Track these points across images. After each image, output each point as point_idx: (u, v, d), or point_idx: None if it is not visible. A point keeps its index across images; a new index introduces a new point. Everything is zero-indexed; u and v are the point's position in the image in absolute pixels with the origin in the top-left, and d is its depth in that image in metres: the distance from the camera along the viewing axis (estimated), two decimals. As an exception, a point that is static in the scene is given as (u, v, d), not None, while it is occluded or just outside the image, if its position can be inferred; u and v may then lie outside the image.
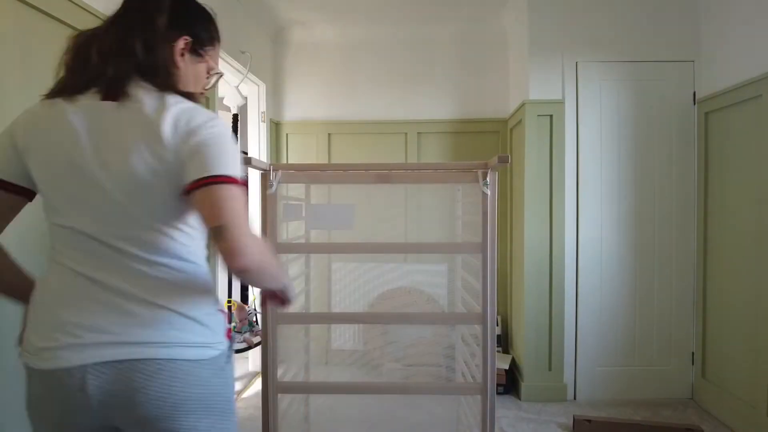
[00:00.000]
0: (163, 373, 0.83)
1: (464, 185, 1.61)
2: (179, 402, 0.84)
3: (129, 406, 0.83)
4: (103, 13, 1.59)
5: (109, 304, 0.84)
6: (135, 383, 0.82)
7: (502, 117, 3.27)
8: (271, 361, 1.36)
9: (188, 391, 0.85)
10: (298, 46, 3.42)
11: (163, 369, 0.83)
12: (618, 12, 2.69)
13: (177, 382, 0.84)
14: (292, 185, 1.52)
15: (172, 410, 0.84)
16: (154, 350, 0.83)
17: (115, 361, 0.82)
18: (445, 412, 2.19)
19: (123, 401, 0.83)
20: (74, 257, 0.86)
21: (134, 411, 0.83)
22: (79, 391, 0.82)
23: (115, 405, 0.84)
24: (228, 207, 0.79)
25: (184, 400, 0.85)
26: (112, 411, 0.84)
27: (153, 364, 0.83)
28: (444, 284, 2.96)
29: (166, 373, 0.83)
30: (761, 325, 2.20)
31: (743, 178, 2.33)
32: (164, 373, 0.83)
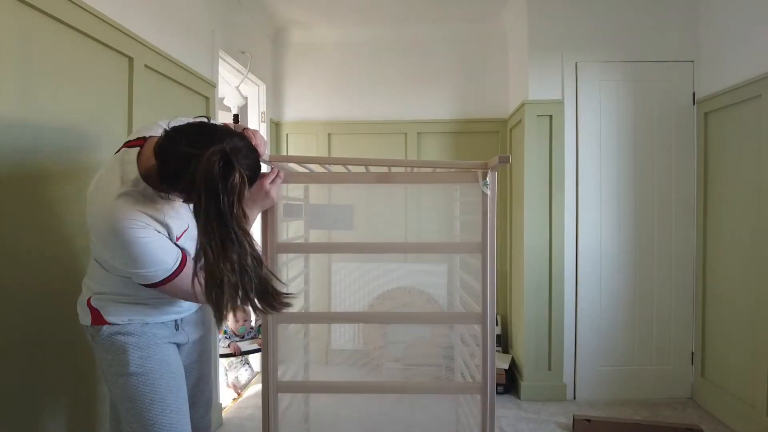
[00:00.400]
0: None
1: (463, 185, 1.61)
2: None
3: None
4: (103, 13, 1.60)
5: None
6: None
7: (502, 117, 3.27)
8: (271, 361, 1.36)
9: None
10: (298, 47, 3.42)
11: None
12: (617, 12, 2.70)
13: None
14: (292, 185, 1.52)
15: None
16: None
17: None
18: (444, 412, 2.19)
19: None
20: None
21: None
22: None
23: None
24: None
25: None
26: None
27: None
28: (443, 284, 2.96)
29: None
30: (761, 325, 2.20)
31: (743, 178, 2.33)
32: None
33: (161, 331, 1.22)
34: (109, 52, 1.66)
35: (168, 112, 2.04)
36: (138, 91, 1.80)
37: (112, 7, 1.65)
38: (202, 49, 2.33)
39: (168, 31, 2.02)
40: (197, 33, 2.29)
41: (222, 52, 2.55)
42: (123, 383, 1.15)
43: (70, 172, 1.49)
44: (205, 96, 2.35)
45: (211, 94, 2.41)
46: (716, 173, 2.55)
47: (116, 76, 1.71)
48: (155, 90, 1.94)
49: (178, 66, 2.09)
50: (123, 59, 1.74)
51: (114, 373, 1.16)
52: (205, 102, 2.37)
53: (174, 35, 2.07)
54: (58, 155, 1.44)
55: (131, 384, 1.14)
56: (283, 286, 1.14)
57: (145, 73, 1.85)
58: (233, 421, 2.50)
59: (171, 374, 1.19)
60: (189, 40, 2.20)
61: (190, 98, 2.23)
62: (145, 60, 1.84)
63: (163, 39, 1.97)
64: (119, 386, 1.16)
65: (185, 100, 2.19)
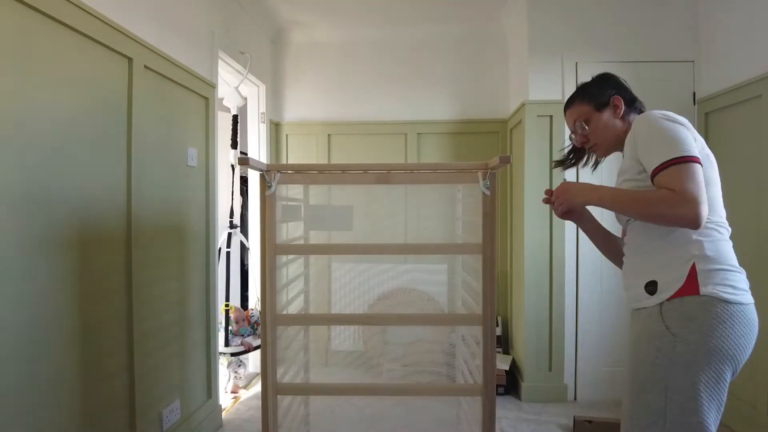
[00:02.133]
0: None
1: (464, 186, 1.61)
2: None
3: None
4: (103, 14, 1.59)
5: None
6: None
7: (502, 117, 3.27)
8: (270, 362, 1.36)
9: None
10: (297, 47, 3.42)
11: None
12: (618, 12, 2.69)
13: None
14: (291, 186, 1.52)
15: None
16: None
17: None
18: (445, 413, 2.18)
19: None
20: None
21: None
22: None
23: None
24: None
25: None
26: None
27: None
28: (444, 284, 2.96)
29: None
30: (761, 325, 2.19)
31: (743, 178, 2.33)
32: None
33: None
34: (109, 53, 1.66)
35: (167, 113, 2.04)
36: (137, 92, 1.80)
37: (112, 8, 1.65)
38: (201, 49, 2.33)
39: (167, 31, 2.02)
40: (197, 33, 2.29)
41: (221, 52, 2.55)
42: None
43: (70, 173, 1.48)
44: (204, 97, 2.35)
45: (211, 94, 2.40)
46: (717, 173, 2.54)
47: (116, 77, 1.71)
48: (155, 91, 1.94)
49: (178, 67, 2.09)
50: (123, 60, 1.74)
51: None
52: (205, 103, 2.37)
53: (173, 36, 2.07)
54: (58, 156, 1.44)
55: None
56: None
57: (145, 74, 1.85)
58: (233, 423, 2.50)
59: None
60: (188, 40, 2.20)
61: (189, 99, 2.23)
62: (144, 61, 1.83)
63: (162, 40, 1.97)
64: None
65: (185, 101, 2.18)
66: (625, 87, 1.39)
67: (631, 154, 1.20)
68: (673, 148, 1.09)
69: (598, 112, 1.33)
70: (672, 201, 1.05)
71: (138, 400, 1.80)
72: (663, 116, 1.16)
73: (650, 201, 1.09)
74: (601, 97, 1.34)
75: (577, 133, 1.38)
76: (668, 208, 1.06)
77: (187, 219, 2.21)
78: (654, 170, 1.11)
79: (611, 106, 1.33)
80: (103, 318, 1.64)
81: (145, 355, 1.86)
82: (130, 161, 1.77)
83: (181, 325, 2.16)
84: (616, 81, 1.39)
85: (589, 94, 1.36)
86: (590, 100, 1.35)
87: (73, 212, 1.50)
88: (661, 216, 1.08)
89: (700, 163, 1.09)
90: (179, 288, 2.14)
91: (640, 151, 1.16)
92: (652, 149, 1.13)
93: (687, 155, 1.08)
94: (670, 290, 1.11)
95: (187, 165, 2.19)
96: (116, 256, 1.72)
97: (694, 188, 1.05)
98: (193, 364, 2.27)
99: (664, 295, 1.12)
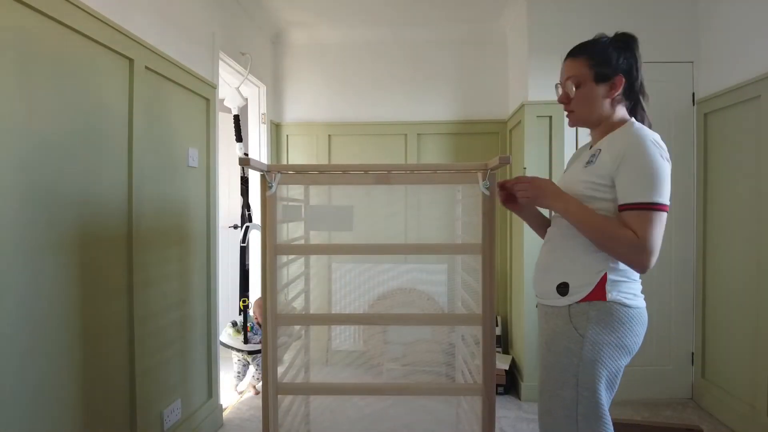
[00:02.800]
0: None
1: (464, 186, 1.61)
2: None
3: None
4: (104, 15, 1.60)
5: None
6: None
7: (502, 118, 3.28)
8: (271, 362, 1.36)
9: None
10: (298, 48, 3.43)
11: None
12: (617, 13, 2.70)
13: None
14: (292, 186, 1.53)
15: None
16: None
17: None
18: (445, 413, 2.19)
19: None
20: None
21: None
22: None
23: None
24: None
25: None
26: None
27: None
28: (444, 285, 2.97)
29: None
30: (761, 325, 2.20)
31: (743, 178, 2.34)
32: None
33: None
34: (110, 54, 1.67)
35: (168, 114, 2.05)
36: (138, 93, 1.81)
37: (113, 9, 1.66)
38: (202, 50, 2.33)
39: (168, 32, 2.03)
40: (197, 34, 2.29)
41: (222, 53, 2.56)
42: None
43: (71, 173, 1.49)
44: (205, 97, 2.36)
45: (212, 95, 2.41)
46: (716, 173, 2.55)
47: (117, 78, 1.72)
48: (156, 91, 1.95)
49: (179, 67, 2.09)
50: (124, 61, 1.74)
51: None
52: (206, 103, 2.38)
53: (174, 37, 2.08)
54: (59, 157, 1.44)
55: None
56: None
57: (146, 75, 1.86)
58: (233, 422, 2.50)
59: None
60: (189, 41, 2.21)
61: (190, 100, 2.23)
62: (145, 62, 1.84)
63: (163, 41, 1.98)
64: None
65: (186, 102, 2.19)
66: (637, 70, 1.26)
67: (609, 164, 1.18)
68: (654, 190, 1.14)
69: (595, 82, 1.23)
70: (634, 246, 1.12)
71: (139, 400, 1.80)
72: (657, 148, 1.16)
73: (614, 237, 1.14)
74: (607, 68, 1.23)
75: (562, 90, 1.29)
76: (627, 251, 1.13)
77: (188, 219, 2.22)
78: (628, 204, 1.14)
79: (609, 83, 1.24)
80: (103, 318, 1.65)
81: (145, 355, 1.86)
82: (131, 162, 1.78)
83: (182, 325, 2.16)
84: (632, 57, 1.25)
85: (597, 57, 1.23)
86: (595, 65, 1.23)
87: (74, 212, 1.50)
88: (616, 253, 1.16)
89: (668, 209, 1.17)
90: (180, 288, 2.15)
91: (621, 172, 1.16)
92: (635, 181, 1.14)
93: (662, 203, 1.14)
94: (580, 294, 1.20)
95: (187, 165, 2.20)
96: (117, 256, 1.72)
97: (657, 241, 1.13)
98: (194, 364, 2.27)
99: (574, 297, 1.20)
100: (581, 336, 1.17)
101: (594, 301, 1.18)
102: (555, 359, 1.21)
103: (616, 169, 1.17)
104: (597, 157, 1.22)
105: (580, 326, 1.18)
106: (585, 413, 1.17)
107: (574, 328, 1.19)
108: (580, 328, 1.18)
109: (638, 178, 1.14)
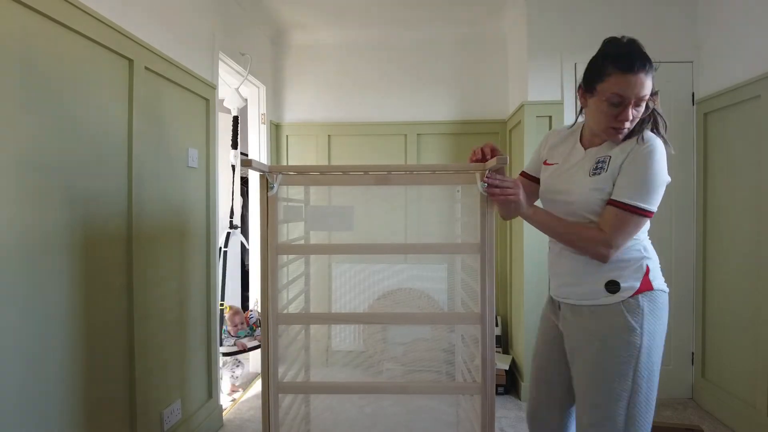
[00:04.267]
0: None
1: (463, 186, 1.61)
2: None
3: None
4: (103, 15, 1.60)
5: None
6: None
7: (501, 118, 3.28)
8: (271, 362, 1.36)
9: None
10: (298, 48, 3.43)
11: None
12: (616, 13, 2.70)
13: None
14: (292, 187, 1.53)
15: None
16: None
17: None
18: (444, 413, 2.19)
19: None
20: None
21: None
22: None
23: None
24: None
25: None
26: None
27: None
28: (444, 285, 2.96)
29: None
30: (761, 325, 2.20)
31: (742, 178, 2.34)
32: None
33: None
34: (110, 55, 1.67)
35: (168, 115, 2.05)
36: (138, 93, 1.81)
37: (113, 9, 1.66)
38: (202, 51, 2.34)
39: (168, 33, 2.03)
40: (197, 35, 2.30)
41: (222, 53, 2.56)
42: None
43: (71, 174, 1.49)
44: (205, 98, 2.36)
45: (212, 96, 2.41)
46: (716, 173, 2.55)
47: (116, 79, 1.72)
48: (155, 92, 1.95)
49: (178, 68, 2.10)
50: (123, 61, 1.75)
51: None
52: (205, 104, 2.38)
53: (174, 37, 2.08)
54: (59, 157, 1.44)
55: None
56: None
57: (146, 75, 1.86)
58: (234, 422, 2.51)
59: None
60: (189, 42, 2.21)
61: (190, 100, 2.24)
62: (145, 62, 1.84)
63: (163, 41, 1.98)
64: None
65: (185, 102, 2.19)
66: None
67: (618, 168, 1.23)
68: (647, 196, 1.20)
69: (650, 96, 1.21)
70: (597, 241, 1.21)
71: (138, 400, 1.81)
72: (663, 158, 1.23)
73: (582, 237, 1.24)
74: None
75: (636, 107, 1.20)
76: (591, 245, 1.23)
77: (188, 220, 2.22)
78: (617, 201, 1.21)
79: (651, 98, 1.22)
80: (103, 318, 1.65)
81: (145, 355, 1.87)
82: (131, 162, 1.78)
83: (182, 326, 2.17)
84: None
85: (652, 71, 1.18)
86: (652, 78, 1.19)
87: (74, 213, 1.51)
88: (578, 248, 1.26)
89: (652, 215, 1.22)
90: (180, 288, 2.15)
91: (623, 172, 1.22)
92: (632, 183, 1.20)
93: (650, 210, 1.20)
94: (632, 289, 1.24)
95: (187, 166, 2.20)
96: (117, 257, 1.73)
97: (624, 240, 1.21)
98: (194, 364, 2.28)
99: (626, 293, 1.24)
100: (640, 328, 1.22)
101: (645, 293, 1.24)
102: (611, 354, 1.23)
103: (620, 169, 1.22)
104: (608, 164, 1.25)
105: (637, 319, 1.22)
106: (641, 401, 1.22)
107: (631, 322, 1.22)
108: (637, 320, 1.22)
109: (636, 181, 1.20)
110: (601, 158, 1.27)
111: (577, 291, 1.31)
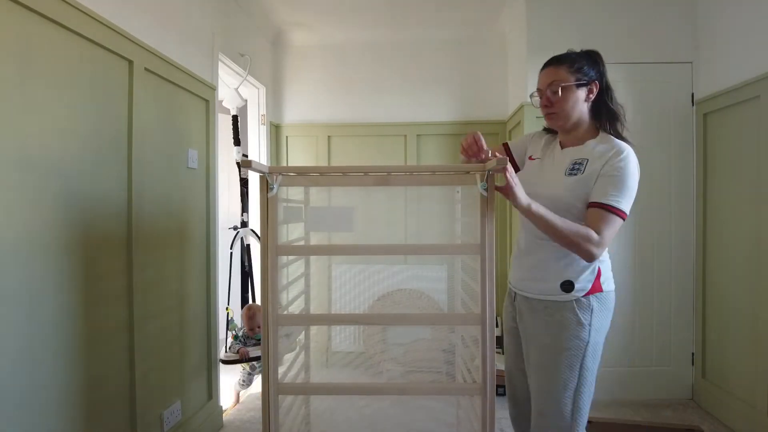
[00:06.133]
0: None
1: (463, 187, 1.61)
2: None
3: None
4: (103, 16, 1.60)
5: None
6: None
7: (501, 119, 3.28)
8: (271, 362, 1.36)
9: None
10: (297, 49, 3.43)
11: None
12: (616, 14, 2.70)
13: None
14: (292, 187, 1.53)
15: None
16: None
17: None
18: (444, 413, 2.19)
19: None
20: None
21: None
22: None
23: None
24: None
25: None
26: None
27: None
28: (444, 286, 2.96)
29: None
30: (761, 325, 2.20)
31: (742, 178, 2.34)
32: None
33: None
34: (110, 56, 1.67)
35: (168, 115, 2.05)
36: (138, 94, 1.81)
37: (112, 10, 1.66)
38: (201, 51, 2.34)
39: (168, 34, 2.03)
40: (197, 36, 2.30)
41: (221, 54, 2.56)
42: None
43: (71, 175, 1.49)
44: (205, 99, 2.36)
45: (211, 96, 2.41)
46: (715, 174, 2.55)
47: (116, 79, 1.72)
48: (155, 93, 1.95)
49: (178, 69, 2.10)
50: (123, 62, 1.75)
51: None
52: (205, 104, 2.38)
53: (174, 38, 2.08)
54: (59, 158, 1.44)
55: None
56: None
57: (145, 76, 1.86)
58: (234, 424, 2.50)
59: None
60: (188, 42, 2.21)
61: (190, 101, 2.24)
62: (145, 63, 1.84)
63: (162, 42, 1.98)
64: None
65: (185, 103, 2.19)
66: (606, 77, 1.43)
67: (596, 173, 1.32)
68: (625, 199, 1.30)
69: (576, 86, 1.37)
70: (591, 241, 1.28)
71: (138, 401, 1.80)
72: (637, 167, 1.33)
73: (579, 235, 1.29)
74: (584, 75, 1.38)
75: (544, 95, 1.41)
76: (584, 243, 1.28)
77: (188, 221, 2.22)
78: (598, 203, 1.30)
79: (587, 88, 1.39)
80: (103, 319, 1.65)
81: (145, 356, 1.87)
82: (130, 163, 1.78)
83: (182, 327, 2.17)
84: (602, 67, 1.42)
85: (576, 65, 1.38)
86: (576, 72, 1.38)
87: (74, 214, 1.51)
88: (571, 245, 1.30)
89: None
90: (180, 289, 2.15)
91: (602, 176, 1.31)
92: (611, 185, 1.30)
93: (625, 211, 1.30)
94: (584, 290, 1.36)
95: (187, 167, 2.20)
96: (117, 258, 1.72)
97: (610, 240, 1.31)
98: (194, 365, 2.27)
99: (579, 293, 1.36)
100: (589, 325, 1.35)
101: (595, 294, 1.37)
102: (561, 346, 1.36)
103: (598, 174, 1.32)
104: (585, 167, 1.35)
105: (586, 317, 1.35)
106: (585, 391, 1.37)
107: (581, 319, 1.35)
108: (586, 318, 1.35)
109: (614, 184, 1.30)
110: (578, 160, 1.38)
111: (536, 287, 1.42)
